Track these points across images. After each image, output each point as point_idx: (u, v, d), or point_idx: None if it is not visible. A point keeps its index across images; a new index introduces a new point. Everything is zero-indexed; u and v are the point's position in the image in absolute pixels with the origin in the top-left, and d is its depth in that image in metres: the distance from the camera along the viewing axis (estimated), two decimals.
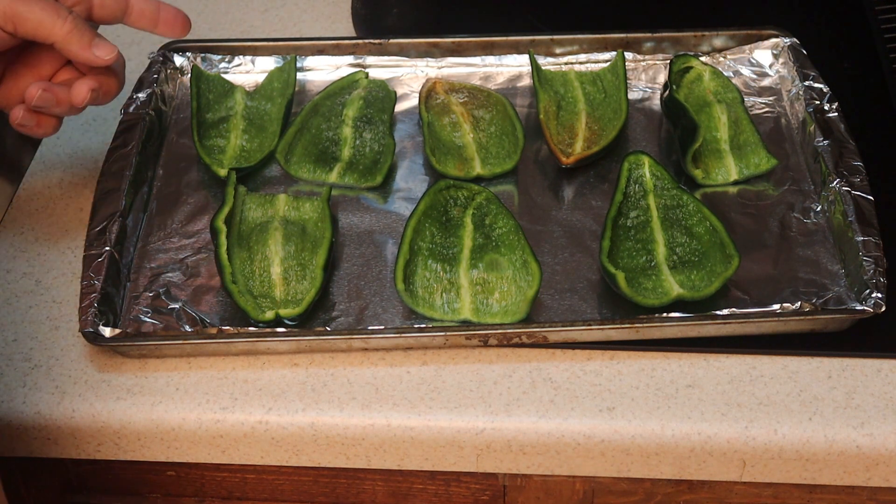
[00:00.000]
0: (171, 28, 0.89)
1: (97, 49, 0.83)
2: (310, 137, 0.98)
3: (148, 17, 0.88)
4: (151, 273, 0.88)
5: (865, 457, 0.79)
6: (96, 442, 0.82)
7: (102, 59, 0.83)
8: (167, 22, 0.88)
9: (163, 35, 0.89)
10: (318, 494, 0.88)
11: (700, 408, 0.80)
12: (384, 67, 1.04)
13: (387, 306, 0.85)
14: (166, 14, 0.88)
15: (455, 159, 0.96)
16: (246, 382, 0.82)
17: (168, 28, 0.88)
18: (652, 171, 0.92)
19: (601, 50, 1.04)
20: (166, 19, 0.88)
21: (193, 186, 0.95)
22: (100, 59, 0.83)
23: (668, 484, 0.85)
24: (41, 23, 0.81)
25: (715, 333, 0.83)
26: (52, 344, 0.85)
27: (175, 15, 0.89)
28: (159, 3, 0.88)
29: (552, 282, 0.87)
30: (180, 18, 0.89)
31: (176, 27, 0.89)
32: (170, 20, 0.88)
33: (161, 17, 0.88)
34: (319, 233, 0.89)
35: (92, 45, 0.83)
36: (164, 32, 0.89)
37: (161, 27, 0.88)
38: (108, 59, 0.84)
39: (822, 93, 0.96)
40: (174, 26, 0.89)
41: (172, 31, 0.89)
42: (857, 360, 0.83)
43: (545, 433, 0.80)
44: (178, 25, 0.89)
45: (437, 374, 0.82)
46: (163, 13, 0.88)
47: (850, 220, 0.87)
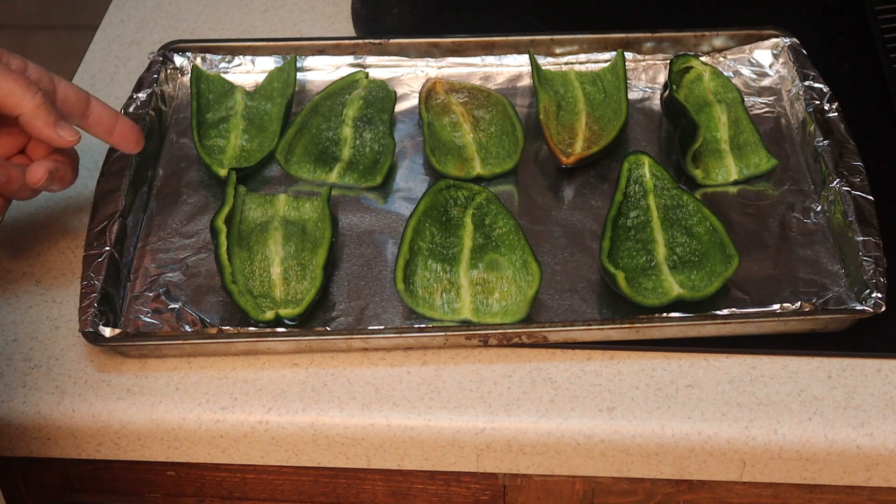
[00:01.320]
0: (125, 141, 0.88)
1: (61, 129, 0.81)
2: (310, 137, 0.98)
3: (104, 126, 0.86)
4: (151, 273, 0.88)
5: (865, 457, 0.79)
6: (96, 442, 0.82)
7: (65, 140, 0.82)
8: (122, 134, 0.87)
9: (116, 146, 0.88)
10: (318, 494, 0.88)
11: (700, 408, 0.80)
12: (384, 67, 1.04)
13: (387, 306, 0.86)
14: (123, 127, 0.87)
15: (455, 159, 0.96)
16: (246, 382, 0.82)
17: (122, 140, 0.87)
18: (652, 171, 0.92)
19: (601, 50, 1.04)
20: (122, 131, 0.87)
21: (193, 186, 0.95)
22: (62, 140, 0.81)
23: (668, 484, 0.85)
24: (10, 93, 0.79)
25: (715, 333, 0.83)
26: (52, 344, 0.85)
27: (131, 128, 0.88)
28: (118, 115, 0.87)
29: (552, 282, 0.87)
30: (135, 133, 0.88)
31: (130, 141, 0.88)
32: (125, 133, 0.87)
33: (118, 128, 0.87)
34: (319, 233, 0.89)
35: (57, 124, 0.81)
36: (118, 144, 0.88)
37: (116, 137, 0.87)
38: (71, 141, 0.82)
39: (822, 93, 0.96)
40: (128, 140, 0.88)
41: (126, 145, 0.88)
42: (857, 360, 0.83)
43: (545, 433, 0.80)
44: (132, 140, 0.88)
45: (437, 374, 0.82)
46: (119, 124, 0.87)
47: (850, 220, 0.87)
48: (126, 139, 0.87)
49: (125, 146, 0.88)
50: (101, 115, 0.86)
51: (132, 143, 0.88)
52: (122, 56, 1.10)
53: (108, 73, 1.08)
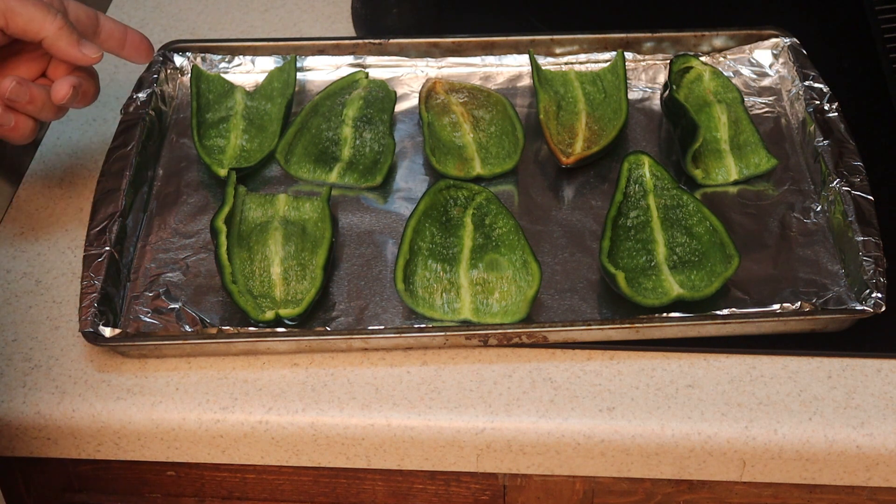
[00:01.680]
0: (136, 52, 0.90)
1: (85, 48, 0.84)
2: (310, 137, 0.98)
3: (116, 39, 0.89)
4: (151, 273, 0.88)
5: (865, 457, 0.79)
6: (96, 442, 0.82)
7: (89, 57, 0.84)
8: (133, 45, 0.90)
9: (128, 59, 0.91)
10: (318, 494, 0.88)
11: (700, 408, 0.80)
12: (384, 67, 1.04)
13: (387, 306, 0.85)
14: (133, 38, 0.90)
15: (455, 159, 0.96)
16: (246, 382, 0.82)
17: (134, 51, 0.90)
18: (652, 171, 0.92)
19: (601, 50, 1.04)
20: (133, 42, 0.90)
21: (193, 186, 0.95)
22: (87, 57, 0.84)
23: (668, 484, 0.85)
24: (32, 19, 0.82)
25: (715, 333, 0.83)
26: (52, 344, 0.85)
27: (141, 40, 0.90)
28: (126, 28, 0.90)
29: (552, 282, 0.87)
30: (145, 44, 0.91)
31: (141, 52, 0.90)
32: (136, 44, 0.90)
33: (128, 40, 0.90)
34: (319, 233, 0.89)
35: (80, 42, 0.84)
36: (130, 56, 0.90)
37: (128, 50, 0.90)
38: (95, 58, 0.85)
39: (822, 93, 0.96)
40: (139, 51, 0.90)
41: (138, 56, 0.91)
42: (857, 360, 0.83)
43: (545, 433, 0.80)
44: (143, 50, 0.90)
45: (437, 374, 0.82)
46: (130, 36, 0.90)
47: (850, 220, 0.87)
48: (137, 50, 0.90)
49: (137, 57, 0.90)
50: (112, 29, 0.89)
51: (143, 52, 0.90)
52: None
53: (108, 73, 1.08)
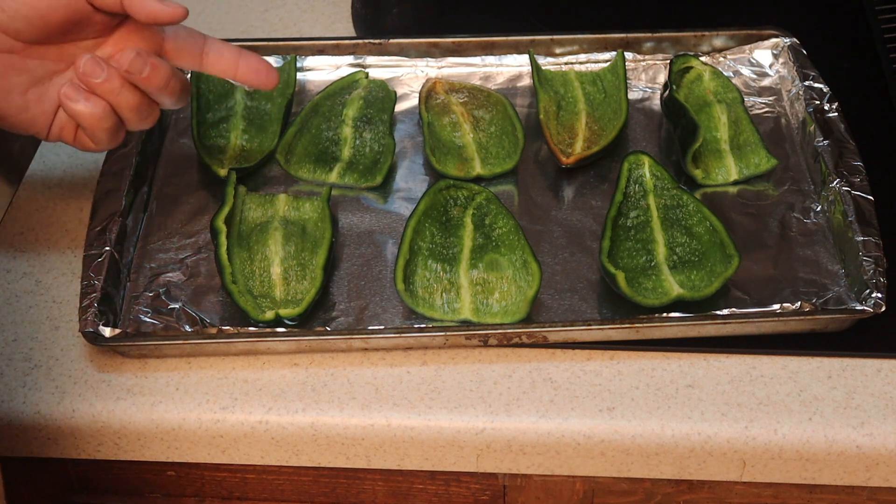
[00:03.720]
0: (254, 76, 0.80)
1: (165, 3, 0.75)
2: (310, 137, 0.98)
3: (227, 60, 0.80)
4: (151, 273, 0.88)
5: (865, 457, 0.79)
6: (96, 442, 0.82)
7: (168, 12, 0.75)
8: (248, 67, 0.80)
9: (244, 83, 0.81)
10: (318, 494, 0.88)
11: (700, 408, 0.80)
12: (384, 67, 1.04)
13: (387, 306, 0.86)
14: (248, 60, 0.80)
15: (455, 159, 0.96)
16: (246, 382, 0.82)
17: (252, 75, 0.80)
18: (652, 171, 0.92)
19: (601, 50, 1.04)
20: (248, 64, 0.80)
21: (193, 186, 0.95)
22: (166, 12, 0.75)
23: (668, 484, 0.85)
24: None
25: (715, 333, 0.83)
26: (52, 344, 0.85)
27: (258, 60, 0.80)
28: (240, 51, 0.80)
29: (552, 282, 0.87)
30: (263, 65, 0.80)
31: (261, 76, 0.80)
32: (252, 66, 0.80)
33: (241, 62, 0.80)
34: (319, 233, 0.89)
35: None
36: (247, 79, 0.80)
37: (241, 72, 0.80)
38: (177, 14, 0.75)
39: (822, 93, 0.96)
40: (259, 74, 0.79)
41: (257, 80, 0.80)
42: (857, 360, 0.83)
43: (545, 433, 0.80)
44: (263, 73, 0.79)
45: (437, 374, 0.82)
46: (244, 59, 0.80)
47: (850, 220, 0.87)
48: (256, 73, 0.79)
49: (258, 82, 0.80)
50: (221, 50, 0.80)
51: (263, 76, 0.80)
52: None
53: None
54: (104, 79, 0.77)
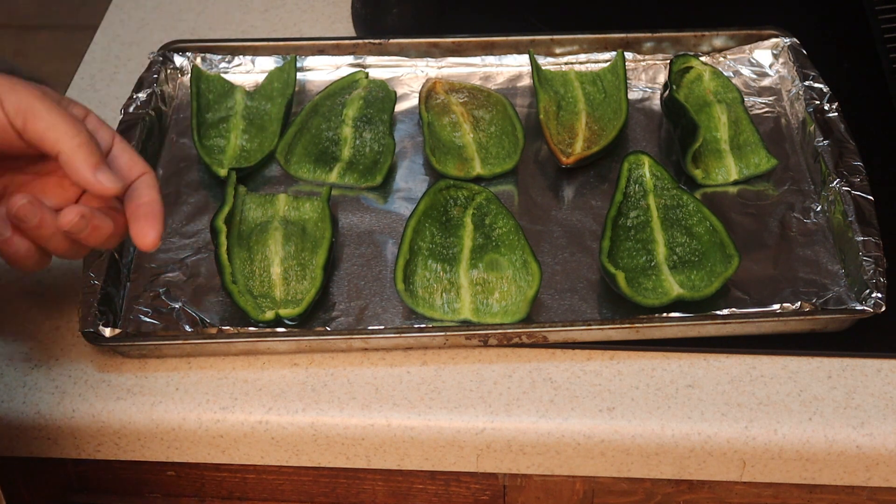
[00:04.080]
0: (140, 233, 0.74)
1: (101, 173, 0.71)
2: (310, 137, 0.98)
3: (136, 204, 0.74)
4: (151, 273, 0.88)
5: (865, 457, 0.79)
6: (96, 442, 0.82)
7: (103, 186, 0.71)
8: (145, 217, 0.74)
9: (131, 233, 0.74)
10: (318, 494, 0.88)
11: (700, 408, 0.80)
12: (384, 67, 1.04)
13: (387, 306, 0.86)
14: (149, 211, 0.74)
15: (455, 159, 0.96)
16: (246, 382, 0.82)
17: (138, 231, 0.74)
18: (652, 171, 0.92)
19: (601, 50, 1.04)
20: (146, 215, 0.74)
21: (193, 186, 0.95)
22: (100, 184, 0.71)
23: (668, 484, 0.85)
24: (53, 126, 0.70)
25: (715, 333, 0.83)
26: (52, 344, 0.85)
27: (155, 216, 0.74)
28: (156, 201, 0.75)
29: (552, 282, 0.87)
30: (154, 229, 0.74)
31: (146, 235, 0.74)
32: (148, 216, 0.74)
33: (143, 210, 0.74)
34: (319, 233, 0.89)
35: (98, 167, 0.71)
36: (133, 232, 0.74)
37: (137, 223, 0.74)
38: (109, 188, 0.71)
39: (822, 93, 0.96)
40: (144, 233, 0.74)
41: (140, 238, 0.74)
42: (857, 360, 0.83)
43: (545, 433, 0.80)
44: (149, 235, 0.74)
45: (437, 374, 0.82)
46: (148, 209, 0.74)
47: (850, 220, 0.87)
48: (142, 232, 0.74)
49: (138, 238, 0.74)
50: (143, 195, 0.75)
51: (148, 237, 0.74)
52: (122, 56, 1.10)
53: (108, 73, 1.08)
54: (35, 224, 0.72)
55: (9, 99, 0.70)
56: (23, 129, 0.71)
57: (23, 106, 0.70)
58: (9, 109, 0.70)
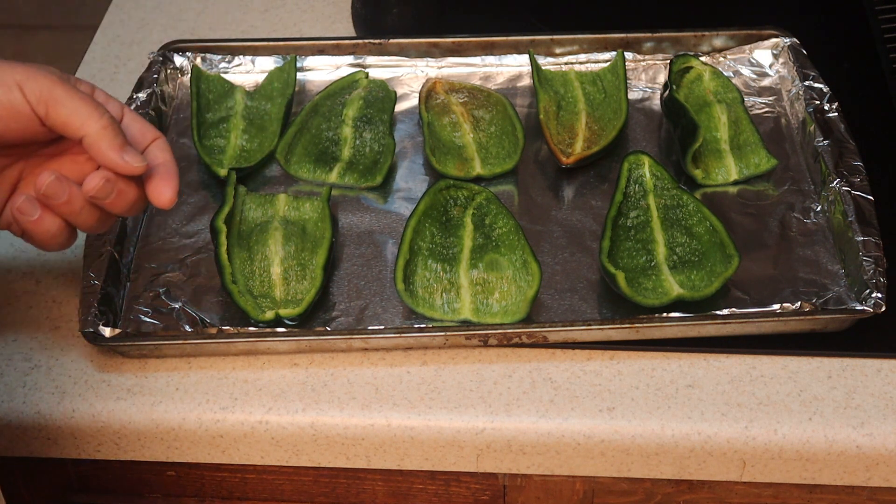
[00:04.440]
0: (157, 193, 0.76)
1: (127, 154, 0.73)
2: (310, 137, 0.98)
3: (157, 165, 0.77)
4: (151, 273, 0.88)
5: (865, 457, 0.79)
6: (96, 442, 0.82)
7: (130, 166, 0.73)
8: (163, 178, 0.76)
9: (148, 196, 0.77)
10: (318, 494, 0.88)
11: (700, 408, 0.80)
12: (384, 67, 1.04)
13: (387, 306, 0.86)
14: (167, 171, 0.77)
15: (455, 159, 0.96)
16: (246, 382, 0.82)
17: (155, 192, 0.76)
18: (652, 171, 0.92)
19: (601, 50, 1.04)
20: (164, 175, 0.77)
21: (193, 186, 0.95)
22: (128, 165, 0.73)
23: (668, 484, 0.85)
24: (76, 111, 0.72)
25: (715, 333, 0.83)
26: (52, 344, 0.85)
27: (172, 177, 0.77)
28: (174, 165, 0.77)
29: (552, 282, 0.87)
30: (171, 189, 0.76)
31: (163, 195, 0.76)
32: (166, 177, 0.77)
33: (161, 170, 0.77)
34: (319, 233, 0.89)
35: (123, 148, 0.73)
36: (150, 193, 0.76)
37: (154, 181, 0.76)
38: (136, 168, 0.74)
39: (822, 93, 0.96)
40: (161, 193, 0.76)
41: (158, 198, 0.76)
42: (857, 360, 0.83)
43: (545, 433, 0.80)
44: (166, 193, 0.76)
45: (437, 374, 0.82)
46: (167, 169, 0.77)
47: (850, 220, 0.87)
48: (158, 191, 0.76)
49: (155, 196, 0.76)
50: (157, 157, 0.77)
51: (164, 195, 0.76)
52: (122, 56, 1.10)
53: (108, 73, 1.08)
54: (65, 200, 0.74)
55: (30, 87, 0.72)
56: (45, 115, 0.72)
57: (44, 93, 0.72)
58: (31, 98, 0.72)
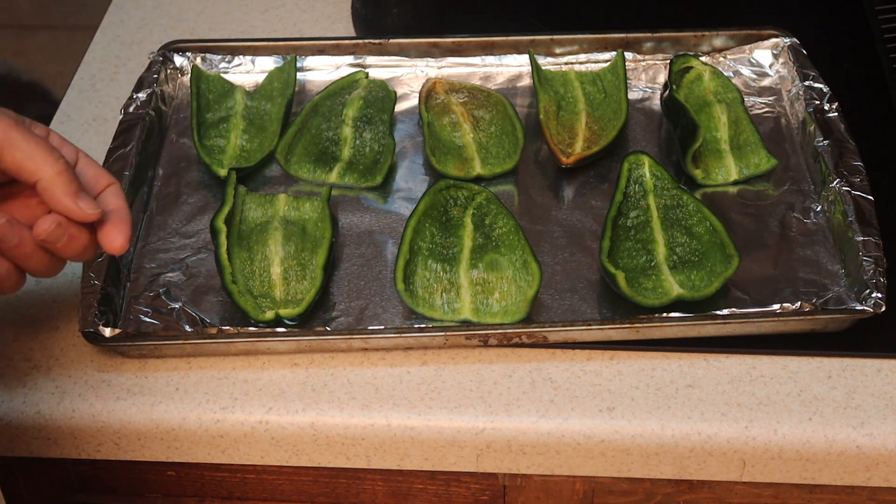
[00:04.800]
0: (107, 239, 0.75)
1: (81, 200, 0.73)
2: (310, 137, 0.98)
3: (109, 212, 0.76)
4: (151, 273, 0.88)
5: (865, 457, 0.79)
6: (96, 442, 0.82)
7: (84, 213, 0.73)
8: (108, 231, 0.75)
9: (99, 240, 0.75)
10: (318, 494, 0.88)
11: (700, 408, 0.80)
12: (384, 67, 1.04)
13: (387, 306, 0.86)
14: (117, 218, 0.76)
15: (455, 159, 0.96)
16: (246, 382, 0.82)
17: (105, 237, 0.75)
18: (652, 171, 0.92)
19: (601, 50, 1.04)
20: (114, 222, 0.76)
21: (193, 186, 0.95)
22: (81, 212, 0.73)
23: (668, 484, 0.85)
24: (31, 156, 0.71)
25: (715, 333, 0.83)
26: (52, 344, 0.85)
27: (123, 226, 0.75)
28: (127, 213, 0.76)
29: (552, 282, 0.87)
30: (121, 237, 0.75)
31: (114, 241, 0.75)
32: (111, 231, 0.75)
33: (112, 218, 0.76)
34: (319, 233, 0.89)
35: (77, 194, 0.73)
36: (101, 239, 0.75)
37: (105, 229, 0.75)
38: (90, 215, 0.73)
39: (822, 93, 0.96)
40: (112, 239, 0.75)
41: (108, 243, 0.75)
42: (857, 360, 0.83)
43: (545, 433, 0.80)
44: (117, 240, 0.75)
45: (437, 374, 0.82)
46: (117, 216, 0.76)
47: (850, 220, 0.87)
48: (110, 237, 0.75)
49: (106, 242, 0.75)
50: (110, 203, 0.76)
51: (116, 241, 0.75)
52: (122, 56, 1.10)
53: (108, 73, 1.08)
54: (15, 243, 0.73)
55: None
56: (0, 159, 0.71)
57: (0, 137, 0.71)
58: None
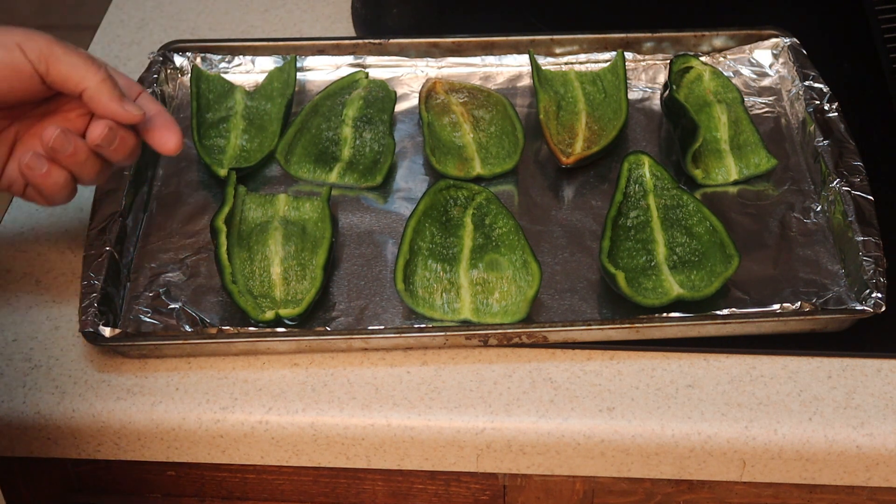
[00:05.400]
0: (161, 139, 0.82)
1: (126, 104, 0.78)
2: (310, 137, 0.98)
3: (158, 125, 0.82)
4: (151, 273, 0.88)
5: (865, 457, 0.79)
6: (96, 442, 0.82)
7: (131, 114, 0.78)
8: (164, 125, 0.82)
9: (152, 143, 0.82)
10: (318, 494, 0.88)
11: (700, 408, 0.80)
12: (384, 67, 1.04)
13: (387, 306, 0.86)
14: (163, 120, 0.82)
15: (455, 159, 0.96)
16: (246, 382, 0.82)
17: (163, 132, 0.82)
18: (652, 171, 0.92)
19: (601, 50, 1.04)
20: (163, 123, 0.82)
21: (193, 186, 0.95)
22: (128, 114, 0.78)
23: (668, 484, 0.85)
24: (75, 67, 0.76)
25: (715, 333, 0.83)
26: (52, 344, 0.85)
27: (171, 123, 0.82)
28: (163, 109, 0.83)
29: (552, 282, 0.87)
30: (175, 129, 0.82)
31: (168, 141, 0.82)
32: (166, 125, 0.82)
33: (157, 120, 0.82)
34: (319, 233, 0.89)
35: (122, 99, 0.78)
36: (154, 141, 0.82)
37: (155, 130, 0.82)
38: (136, 116, 0.78)
39: (822, 93, 0.96)
40: (165, 139, 0.82)
41: (162, 144, 0.82)
42: (857, 360, 0.83)
43: (545, 433, 0.80)
44: (172, 140, 0.82)
45: (437, 374, 0.82)
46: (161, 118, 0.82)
47: (850, 220, 0.87)
48: (164, 139, 0.81)
49: (160, 144, 0.81)
50: (150, 109, 0.82)
51: (170, 142, 0.81)
52: (122, 56, 1.10)
53: None
54: (70, 152, 0.78)
55: (29, 47, 0.75)
56: (46, 73, 0.76)
57: (44, 52, 0.75)
58: (31, 57, 0.75)
